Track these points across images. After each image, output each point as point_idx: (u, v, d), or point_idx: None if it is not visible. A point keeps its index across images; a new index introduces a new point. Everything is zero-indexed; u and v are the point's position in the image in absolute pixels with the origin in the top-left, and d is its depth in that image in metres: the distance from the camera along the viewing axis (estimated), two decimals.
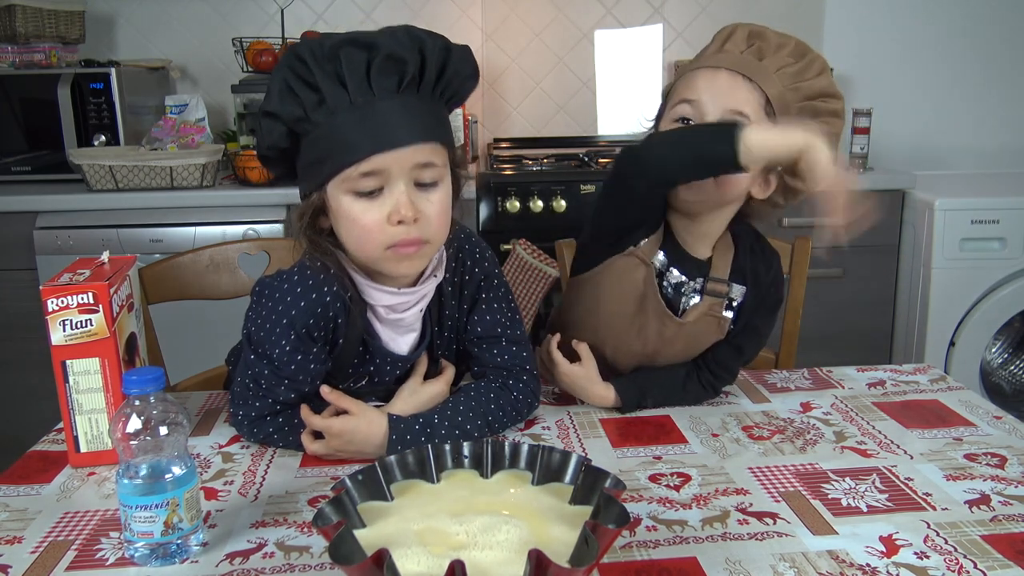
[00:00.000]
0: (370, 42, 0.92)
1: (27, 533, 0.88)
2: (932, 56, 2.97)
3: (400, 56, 0.92)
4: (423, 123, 0.95)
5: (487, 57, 2.93)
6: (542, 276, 2.19)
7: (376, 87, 0.92)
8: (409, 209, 0.95)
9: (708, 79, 1.11)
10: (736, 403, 1.21)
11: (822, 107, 1.11)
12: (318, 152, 0.95)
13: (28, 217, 2.30)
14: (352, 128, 0.92)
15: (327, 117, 0.92)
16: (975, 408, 1.17)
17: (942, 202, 2.40)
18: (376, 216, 0.95)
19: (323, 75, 0.91)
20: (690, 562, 0.81)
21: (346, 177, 0.94)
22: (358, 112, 0.92)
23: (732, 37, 1.14)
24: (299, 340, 1.01)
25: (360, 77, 0.92)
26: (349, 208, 0.96)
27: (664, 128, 1.15)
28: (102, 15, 2.82)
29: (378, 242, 0.97)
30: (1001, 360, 2.71)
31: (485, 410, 1.07)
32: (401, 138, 0.93)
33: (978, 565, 0.80)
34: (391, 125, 0.93)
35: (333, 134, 0.93)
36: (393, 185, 0.95)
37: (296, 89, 0.93)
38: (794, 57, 1.11)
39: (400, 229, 0.95)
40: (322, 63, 0.92)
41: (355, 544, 0.68)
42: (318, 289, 1.01)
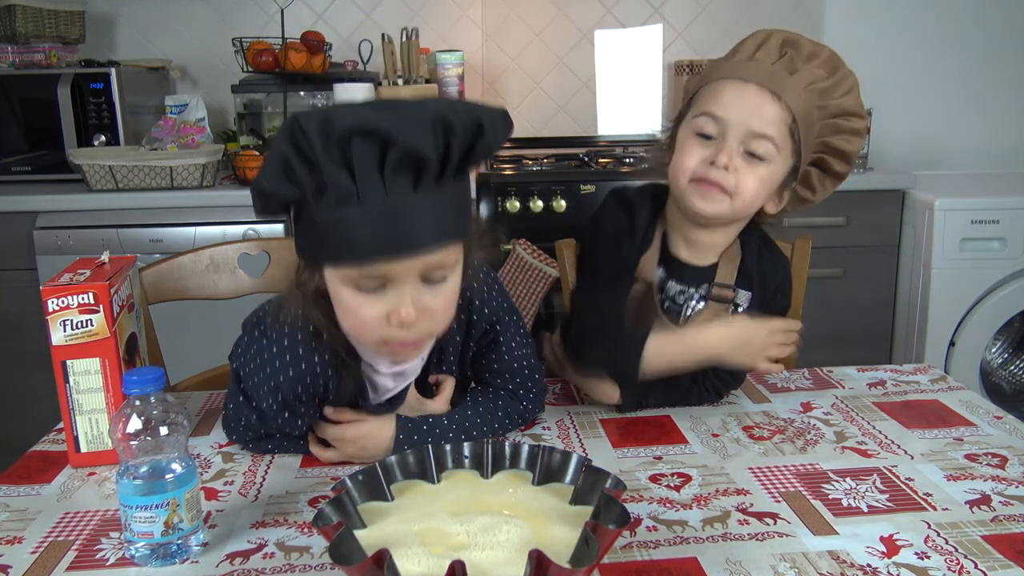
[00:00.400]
0: (387, 134, 0.76)
1: (27, 533, 0.88)
2: (932, 56, 2.97)
3: (421, 153, 0.78)
4: (441, 224, 0.83)
5: (487, 57, 2.93)
6: (542, 276, 2.19)
7: (389, 185, 0.79)
8: (411, 313, 0.85)
9: (736, 93, 1.08)
10: (736, 403, 1.21)
11: (844, 125, 1.10)
12: (316, 239, 0.84)
13: (28, 217, 2.30)
14: (357, 227, 0.80)
15: (329, 207, 0.80)
16: (975, 408, 1.17)
17: (942, 202, 2.40)
18: (375, 313, 0.86)
19: (329, 160, 0.77)
20: (690, 562, 0.81)
21: (346, 273, 0.85)
22: (366, 209, 0.79)
23: (765, 44, 1.11)
24: (286, 404, 0.98)
25: (372, 172, 0.78)
26: (347, 300, 0.87)
27: (684, 136, 1.12)
28: (102, 15, 2.82)
29: (374, 337, 0.89)
30: (1001, 360, 2.71)
31: (492, 416, 1.07)
32: (414, 245, 0.82)
33: (979, 565, 0.80)
34: (403, 229, 0.80)
35: (335, 227, 0.80)
36: (397, 285, 0.85)
37: (296, 169, 0.79)
38: (826, 71, 1.09)
39: (400, 330, 0.87)
40: (331, 148, 0.77)
41: (355, 544, 0.68)
42: (308, 358, 0.95)
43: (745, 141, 1.07)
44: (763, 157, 1.07)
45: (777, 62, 1.09)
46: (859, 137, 1.12)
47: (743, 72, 1.09)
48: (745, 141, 1.07)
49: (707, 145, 1.09)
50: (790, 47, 1.10)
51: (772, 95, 1.06)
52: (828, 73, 1.09)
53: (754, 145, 1.07)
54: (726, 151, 1.07)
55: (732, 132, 1.07)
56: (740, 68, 1.10)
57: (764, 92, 1.06)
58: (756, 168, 1.08)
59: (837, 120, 1.09)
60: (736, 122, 1.07)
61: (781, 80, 1.07)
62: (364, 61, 2.72)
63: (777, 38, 1.11)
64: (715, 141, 1.08)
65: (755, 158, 1.07)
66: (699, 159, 1.09)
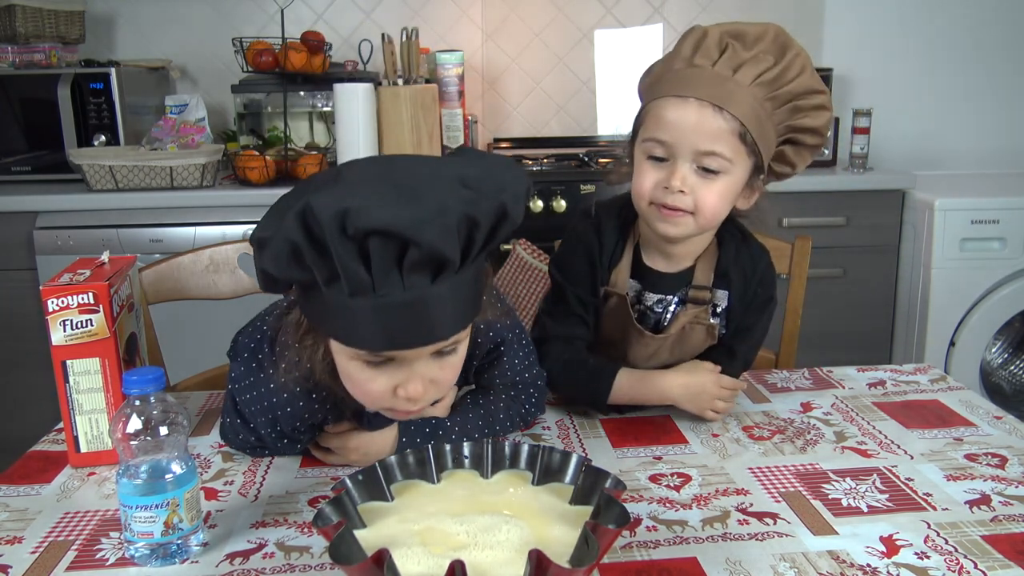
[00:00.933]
0: (408, 237, 0.71)
1: (27, 533, 0.88)
2: (932, 56, 2.97)
3: (440, 255, 0.73)
4: (458, 312, 0.79)
5: (487, 57, 2.93)
6: (542, 276, 2.19)
7: (407, 282, 0.74)
8: (418, 390, 0.83)
9: (678, 113, 1.04)
10: (736, 403, 1.20)
11: (804, 105, 1.07)
12: (324, 315, 0.79)
13: (28, 217, 2.30)
14: (371, 317, 0.76)
15: (341, 296, 0.75)
16: (975, 408, 1.17)
17: (942, 202, 2.40)
18: (382, 387, 0.83)
19: (344, 253, 0.72)
20: (690, 562, 0.81)
21: (355, 352, 0.81)
22: (381, 301, 0.75)
23: (703, 44, 1.07)
24: (283, 434, 0.99)
25: (390, 269, 0.74)
26: (353, 372, 0.84)
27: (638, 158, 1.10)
28: (102, 15, 2.82)
29: (379, 406, 0.88)
30: (1001, 360, 2.71)
31: (494, 419, 1.07)
32: (429, 337, 0.79)
33: (978, 565, 0.80)
34: (418, 322, 0.77)
35: (347, 313, 0.76)
36: (408, 363, 0.82)
37: (307, 257, 0.73)
38: (773, 55, 1.05)
39: (406, 403, 0.85)
40: (345, 241, 0.72)
41: (355, 544, 0.68)
42: (306, 399, 0.94)
43: (695, 159, 1.05)
44: (717, 171, 1.05)
45: (718, 62, 1.04)
46: (825, 110, 1.08)
47: (682, 87, 1.05)
48: (695, 159, 1.05)
49: (659, 167, 1.07)
50: (731, 38, 1.06)
51: (714, 108, 1.02)
52: (776, 58, 1.05)
53: (706, 162, 1.04)
54: (677, 175, 1.05)
55: (680, 154, 1.05)
56: (679, 81, 1.06)
57: (705, 107, 1.03)
58: (712, 182, 1.05)
59: (795, 103, 1.06)
60: (681, 143, 1.04)
61: (723, 87, 1.03)
62: (364, 61, 2.72)
63: (715, 34, 1.07)
64: (666, 162, 1.07)
65: (710, 172, 1.05)
66: (653, 183, 1.07)
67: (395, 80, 2.54)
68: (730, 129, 1.03)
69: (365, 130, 2.40)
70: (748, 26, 1.08)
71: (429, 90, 2.51)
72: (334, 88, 2.41)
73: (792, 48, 1.06)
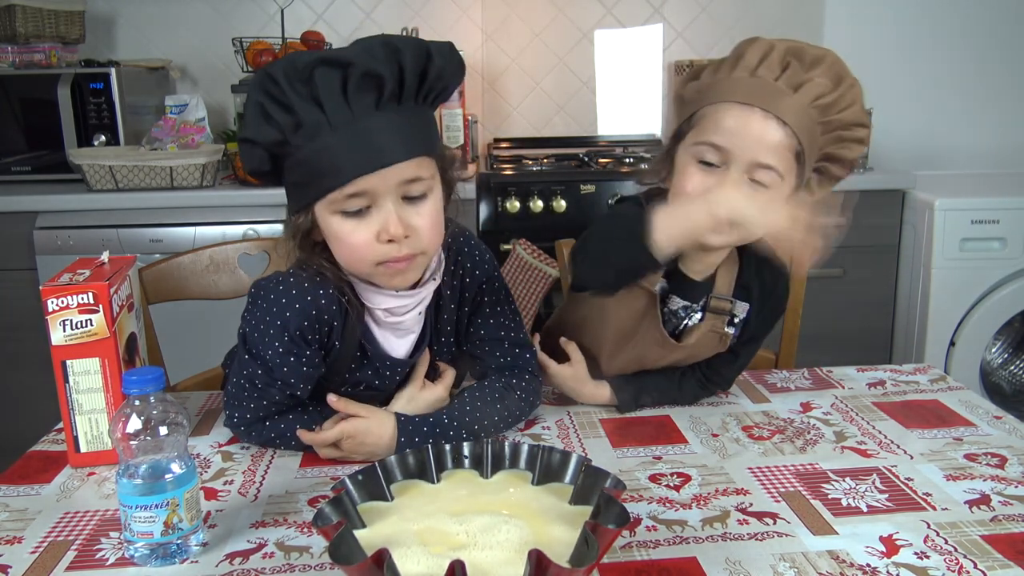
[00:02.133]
0: (344, 59, 0.88)
1: (27, 533, 0.88)
2: (932, 56, 2.97)
3: (376, 72, 0.88)
4: (407, 138, 0.93)
5: (487, 57, 2.93)
6: (542, 276, 2.19)
7: (354, 106, 0.89)
8: (398, 227, 0.93)
9: (740, 121, 1.02)
10: (736, 403, 1.21)
11: (848, 136, 1.06)
12: (301, 175, 0.94)
13: (28, 217, 2.30)
14: (333, 150, 0.90)
15: (306, 140, 0.90)
16: (975, 408, 1.17)
17: (942, 202, 2.40)
18: (365, 235, 0.94)
19: (298, 97, 0.89)
20: (690, 562, 0.81)
21: (332, 199, 0.93)
22: (338, 133, 0.89)
23: (768, 58, 1.04)
24: (292, 342, 1.00)
25: (337, 97, 0.89)
26: (337, 228, 0.95)
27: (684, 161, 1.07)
28: (102, 15, 2.81)
29: (368, 260, 0.96)
30: (1001, 360, 2.71)
31: (491, 410, 1.07)
32: (385, 157, 0.91)
33: (978, 565, 0.80)
34: (373, 145, 0.90)
35: (314, 157, 0.91)
36: (381, 204, 0.94)
37: (272, 112, 0.90)
38: (830, 80, 1.03)
39: (390, 247, 0.95)
40: (295, 84, 0.89)
41: (355, 544, 0.68)
42: (313, 292, 1.00)
43: (750, 170, 1.02)
44: (768, 185, 1.03)
45: (780, 77, 1.03)
46: (862, 145, 1.08)
47: (745, 94, 1.03)
48: (750, 170, 1.02)
49: (709, 172, 1.04)
50: (792, 57, 1.04)
51: (777, 121, 1.01)
52: (833, 84, 1.04)
53: (759, 175, 1.02)
54: (730, 183, 1.02)
55: (735, 162, 1.02)
56: (742, 88, 1.03)
57: (769, 118, 1.01)
58: (761, 195, 1.03)
59: (841, 132, 1.06)
60: (740, 152, 1.02)
61: (786, 102, 1.01)
62: None
63: (780, 49, 1.05)
64: (717, 169, 1.04)
65: (759, 185, 1.03)
66: (700, 188, 1.04)
67: None
68: (788, 145, 1.02)
69: None
70: (808, 47, 1.06)
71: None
72: None
73: (848, 78, 1.05)
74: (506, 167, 2.54)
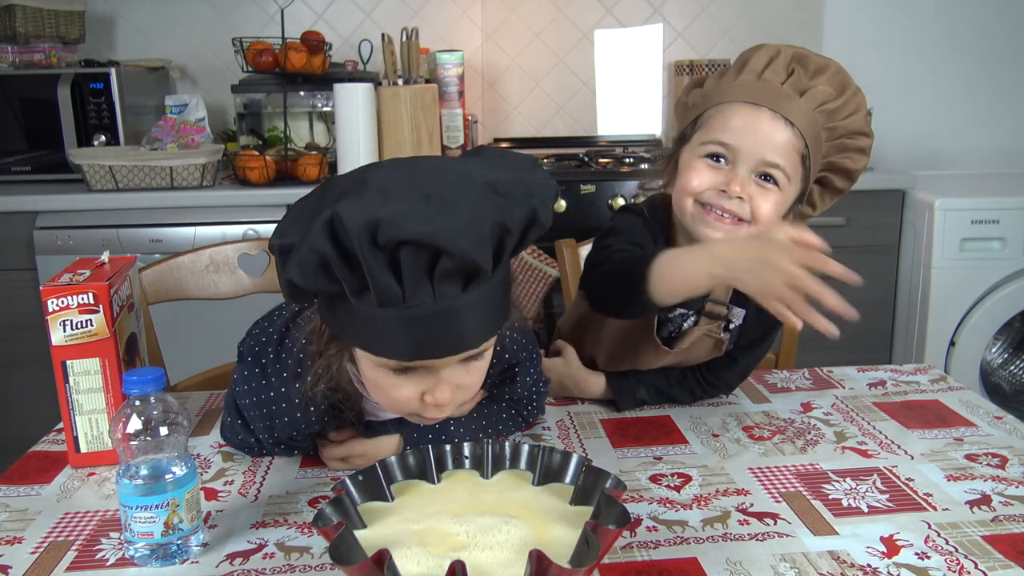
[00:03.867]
0: (440, 246, 0.70)
1: (27, 533, 0.88)
2: (932, 56, 2.97)
3: (473, 264, 0.72)
4: (484, 322, 0.78)
5: (487, 57, 2.93)
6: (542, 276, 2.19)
7: (439, 291, 0.73)
8: (446, 396, 0.82)
9: (747, 119, 1.02)
10: (736, 403, 1.21)
11: (850, 145, 1.07)
12: (351, 325, 0.78)
13: (28, 217, 2.30)
14: (401, 328, 0.74)
15: (370, 307, 0.74)
16: (975, 408, 1.17)
17: (942, 202, 2.40)
18: (409, 393, 0.82)
19: (374, 264, 0.71)
20: (691, 562, 0.81)
21: (381, 361, 0.80)
22: (411, 312, 0.73)
23: (774, 62, 1.05)
24: (279, 440, 0.99)
25: (420, 279, 0.72)
26: (380, 380, 0.83)
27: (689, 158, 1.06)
28: (102, 15, 2.81)
29: (404, 411, 0.87)
30: (1001, 360, 2.71)
31: (496, 419, 1.07)
32: (459, 347, 0.78)
33: (979, 565, 0.80)
34: (449, 332, 0.76)
35: (376, 323, 0.75)
36: (436, 370, 0.81)
37: (336, 269, 0.72)
38: (834, 88, 1.05)
39: (433, 410, 0.84)
40: (375, 252, 0.71)
41: (355, 544, 0.68)
42: (304, 408, 0.93)
43: (757, 167, 1.03)
44: (776, 182, 1.03)
45: (786, 81, 1.04)
46: (864, 155, 1.08)
47: (753, 94, 1.03)
48: (757, 167, 1.03)
49: (716, 170, 1.04)
50: (797, 63, 1.05)
51: (785, 121, 1.02)
52: (837, 91, 1.05)
53: (768, 171, 1.03)
54: (738, 180, 1.02)
55: (743, 160, 1.03)
56: (749, 89, 1.04)
57: (776, 118, 1.02)
58: (769, 193, 1.04)
59: (844, 140, 1.06)
60: (748, 150, 1.02)
61: (792, 103, 1.02)
62: (364, 61, 2.71)
63: (786, 55, 1.06)
64: (725, 166, 1.04)
65: (767, 182, 1.04)
66: (708, 184, 1.04)
67: (395, 80, 2.54)
68: (795, 146, 1.03)
69: (365, 130, 2.40)
70: (812, 55, 1.07)
71: (429, 90, 2.51)
72: (334, 88, 2.41)
73: (851, 86, 1.06)
74: None
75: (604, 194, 2.41)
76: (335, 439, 1.01)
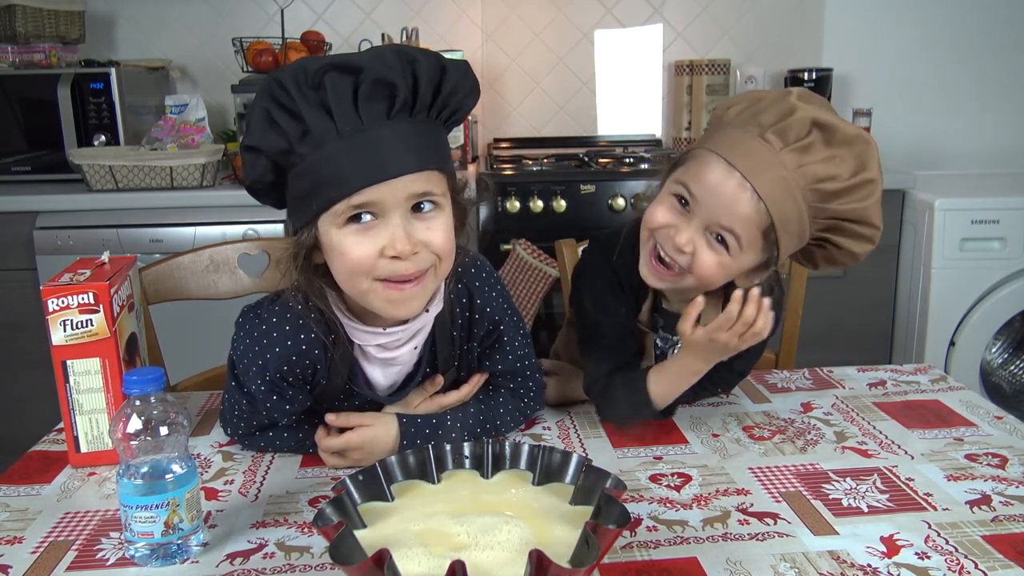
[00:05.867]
0: (356, 66, 0.84)
1: (27, 533, 0.88)
2: (932, 56, 2.97)
3: (389, 79, 0.84)
4: (418, 150, 0.87)
5: (487, 57, 2.93)
6: (542, 276, 2.19)
7: (364, 114, 0.85)
8: (405, 243, 0.87)
9: (718, 178, 0.98)
10: (736, 403, 1.21)
11: (849, 229, 1.00)
12: (305, 186, 0.88)
13: (28, 217, 2.30)
14: (340, 159, 0.85)
15: (313, 149, 0.85)
16: (976, 408, 1.17)
17: (942, 202, 2.40)
18: (369, 249, 0.88)
19: (307, 104, 0.84)
20: (691, 562, 0.81)
21: (336, 211, 0.87)
22: (346, 142, 0.85)
23: (784, 122, 0.97)
24: (273, 383, 0.98)
25: (347, 104, 0.84)
26: (340, 241, 0.88)
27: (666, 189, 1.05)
28: (102, 15, 2.81)
29: (367, 276, 0.90)
30: (1001, 360, 2.71)
31: (494, 413, 1.07)
32: (394, 168, 0.86)
33: (979, 565, 0.80)
34: (382, 154, 0.85)
35: (320, 167, 0.86)
36: (388, 218, 0.88)
37: (279, 120, 0.85)
38: (847, 171, 0.97)
39: (395, 264, 0.89)
40: (305, 91, 0.84)
41: (356, 544, 0.68)
42: (294, 335, 0.96)
43: (711, 227, 1.00)
44: (727, 244, 1.00)
45: (787, 148, 0.97)
46: (869, 244, 1.02)
47: (736, 155, 0.98)
48: (711, 227, 1.00)
49: (676, 213, 1.02)
50: (818, 128, 0.97)
51: (752, 193, 0.96)
52: (848, 173, 0.97)
53: (721, 233, 0.99)
54: (688, 232, 1.00)
55: (700, 215, 1.00)
56: (738, 148, 0.98)
57: (744, 188, 0.96)
58: (716, 254, 1.00)
59: (840, 223, 1.00)
60: (707, 207, 0.99)
61: (775, 177, 0.96)
62: None
63: (805, 118, 0.97)
64: (686, 211, 1.01)
65: (718, 242, 1.00)
66: (664, 222, 1.02)
67: None
68: (758, 222, 0.98)
69: None
70: (844, 125, 0.98)
71: None
72: None
73: (870, 172, 0.98)
74: (506, 167, 2.54)
75: (604, 194, 2.41)
76: (333, 422, 1.02)
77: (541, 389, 1.14)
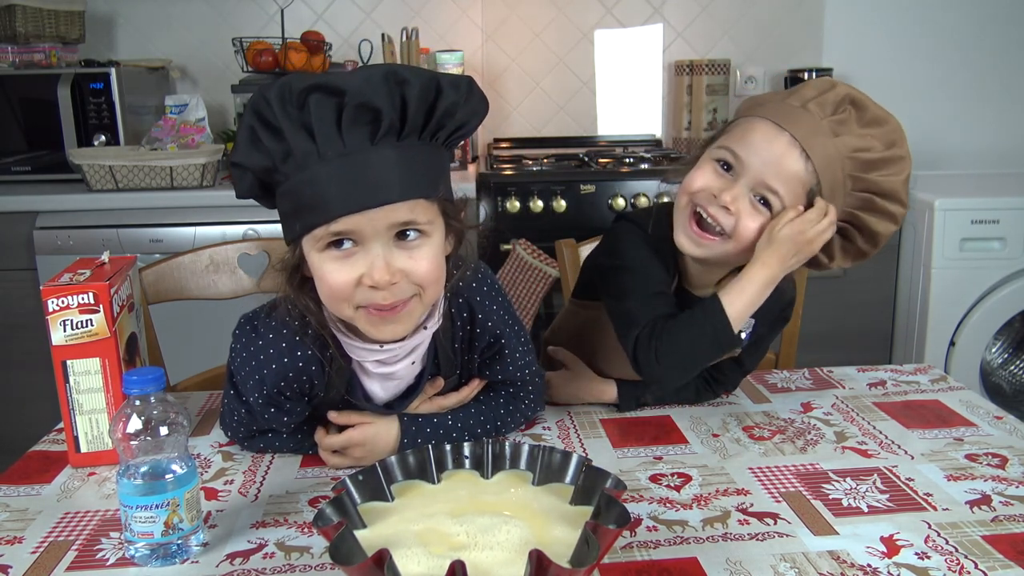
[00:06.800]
0: (341, 88, 0.82)
1: (27, 533, 0.88)
2: (932, 56, 2.97)
3: (374, 104, 0.81)
4: (403, 178, 0.84)
5: (487, 57, 2.93)
6: (542, 276, 2.19)
7: (348, 138, 0.82)
8: (383, 273, 0.85)
9: (766, 137, 1.01)
10: (736, 403, 1.21)
11: (879, 204, 1.03)
12: (289, 206, 0.87)
13: (28, 217, 2.30)
14: (322, 183, 0.83)
15: (296, 170, 0.84)
16: (976, 408, 1.17)
17: (942, 202, 2.40)
18: (347, 277, 0.86)
19: (290, 124, 0.82)
20: (691, 562, 0.81)
21: (317, 236, 0.85)
22: (328, 166, 0.82)
23: (823, 96, 1.02)
24: (270, 397, 0.98)
25: (330, 127, 0.82)
26: (320, 266, 0.87)
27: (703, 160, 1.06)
28: (102, 15, 2.81)
29: (349, 304, 0.88)
30: (1001, 360, 2.71)
31: (495, 414, 1.07)
32: (375, 197, 0.83)
33: (979, 565, 0.80)
34: (364, 182, 0.82)
35: (303, 188, 0.84)
36: (368, 246, 0.86)
37: (262, 138, 0.84)
38: (882, 144, 1.02)
39: (373, 293, 0.87)
40: (289, 110, 0.83)
41: (355, 544, 0.68)
42: (290, 352, 0.95)
43: (756, 188, 1.02)
44: (771, 207, 1.02)
45: (828, 118, 1.01)
46: (893, 223, 1.04)
47: (783, 117, 1.01)
48: (756, 188, 1.02)
49: (719, 176, 1.03)
50: (851, 105, 1.03)
51: (801, 152, 1.00)
52: (883, 146, 1.02)
53: (765, 194, 1.01)
54: (732, 191, 1.01)
55: (746, 175, 1.01)
56: (783, 111, 1.02)
57: (794, 147, 1.00)
58: (759, 215, 1.02)
59: (873, 197, 1.02)
60: (753, 167, 1.01)
61: (818, 138, 1.00)
62: (364, 61, 2.72)
63: (840, 92, 1.03)
64: (728, 175, 1.03)
65: (762, 204, 1.02)
66: (705, 185, 1.03)
67: None
68: (803, 180, 1.00)
69: None
70: (874, 105, 1.04)
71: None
72: None
73: (901, 148, 1.03)
74: (506, 167, 2.53)
75: (604, 194, 2.41)
76: (335, 420, 1.02)
77: (542, 391, 1.14)
